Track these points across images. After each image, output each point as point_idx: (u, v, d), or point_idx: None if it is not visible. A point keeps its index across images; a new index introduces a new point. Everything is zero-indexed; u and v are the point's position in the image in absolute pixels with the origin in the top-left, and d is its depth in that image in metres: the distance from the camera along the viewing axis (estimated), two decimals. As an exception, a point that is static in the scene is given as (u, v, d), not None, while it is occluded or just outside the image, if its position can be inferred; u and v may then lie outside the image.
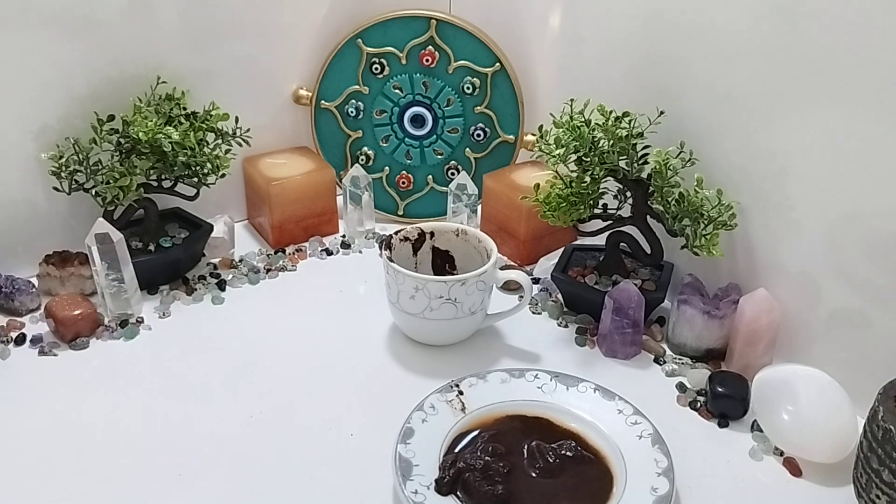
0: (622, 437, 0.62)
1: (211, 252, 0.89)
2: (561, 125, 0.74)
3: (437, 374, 0.71)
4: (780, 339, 0.71)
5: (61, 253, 0.81)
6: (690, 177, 0.72)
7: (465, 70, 0.93)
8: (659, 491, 0.57)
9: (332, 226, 0.96)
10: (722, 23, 0.70)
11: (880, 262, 0.63)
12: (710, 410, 0.68)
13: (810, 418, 0.61)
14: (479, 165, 0.97)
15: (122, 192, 0.78)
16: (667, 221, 0.74)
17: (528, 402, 0.66)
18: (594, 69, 0.86)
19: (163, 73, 0.83)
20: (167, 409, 0.67)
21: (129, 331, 0.76)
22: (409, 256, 0.79)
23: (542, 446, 0.61)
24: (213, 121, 0.82)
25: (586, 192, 0.75)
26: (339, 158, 0.99)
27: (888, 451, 0.51)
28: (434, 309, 0.71)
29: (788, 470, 0.62)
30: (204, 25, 0.86)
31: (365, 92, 0.96)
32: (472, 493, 0.56)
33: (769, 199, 0.70)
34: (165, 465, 0.62)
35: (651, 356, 0.75)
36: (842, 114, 0.63)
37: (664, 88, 0.77)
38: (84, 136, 0.79)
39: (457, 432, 0.63)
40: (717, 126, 0.73)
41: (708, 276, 0.78)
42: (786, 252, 0.70)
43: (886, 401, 0.53)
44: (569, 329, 0.79)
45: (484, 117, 0.95)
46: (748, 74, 0.69)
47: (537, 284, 0.85)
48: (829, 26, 0.62)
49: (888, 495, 0.52)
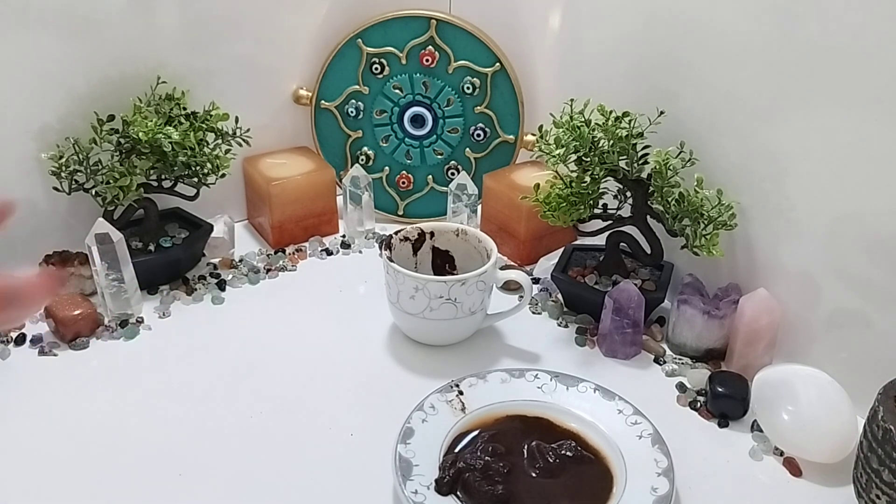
0: (622, 437, 0.62)
1: (211, 252, 0.89)
2: (561, 125, 0.74)
3: (437, 374, 0.71)
4: (780, 339, 0.71)
5: (61, 253, 0.81)
6: (690, 177, 0.72)
7: (465, 70, 0.93)
8: (659, 491, 0.57)
9: (332, 226, 0.96)
10: (722, 23, 0.70)
11: (880, 262, 0.63)
12: (710, 410, 0.68)
13: (810, 418, 0.61)
14: (479, 165, 0.97)
15: (122, 192, 0.78)
16: (667, 221, 0.74)
17: (528, 402, 0.66)
18: (594, 69, 0.86)
19: (163, 73, 0.83)
20: (167, 409, 0.67)
21: (129, 331, 0.76)
22: (409, 256, 0.79)
23: (542, 446, 0.61)
24: (213, 121, 0.82)
25: (586, 192, 0.75)
26: (339, 158, 0.99)
27: (888, 451, 0.51)
28: (434, 309, 0.71)
29: (788, 470, 0.62)
30: (204, 25, 0.86)
31: (365, 92, 0.96)
32: (472, 493, 0.56)
33: (769, 199, 0.70)
34: (165, 465, 0.62)
35: (651, 356, 0.75)
36: (842, 114, 0.63)
37: (664, 88, 0.77)
38: (84, 136, 0.79)
39: (457, 432, 0.63)
40: (717, 126, 0.73)
41: (708, 276, 0.78)
42: (786, 252, 0.70)
43: (886, 401, 0.53)
44: (569, 329, 0.79)
45: (484, 117, 0.95)
46: (748, 74, 0.69)
47: (537, 284, 0.85)
48: (830, 26, 0.62)
49: (888, 495, 0.52)
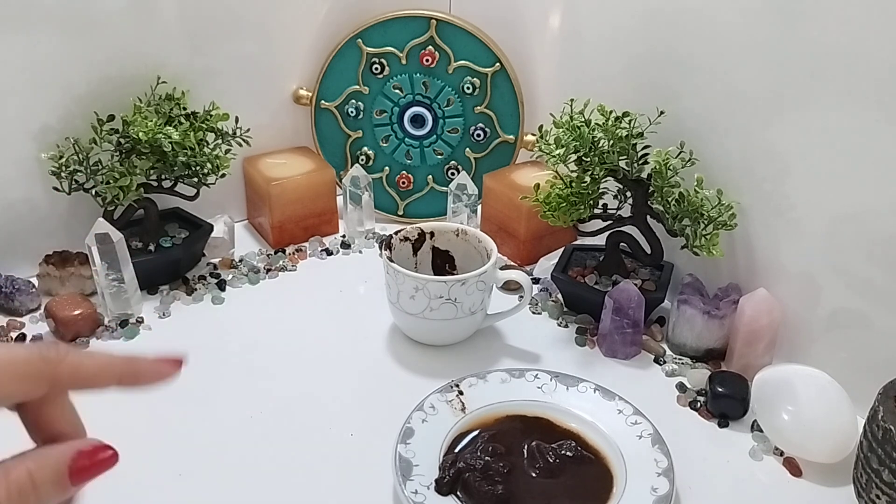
0: (622, 437, 0.62)
1: (211, 252, 0.89)
2: (561, 125, 0.74)
3: (437, 374, 0.71)
4: (780, 339, 0.71)
5: (61, 253, 0.81)
6: (690, 177, 0.72)
7: (465, 70, 0.93)
8: (659, 491, 0.57)
9: (332, 226, 0.96)
10: (722, 23, 0.70)
11: (880, 262, 0.63)
12: (710, 410, 0.68)
13: (810, 418, 0.61)
14: (479, 165, 0.97)
15: (122, 192, 0.78)
16: (667, 221, 0.74)
17: (528, 402, 0.66)
18: (594, 69, 0.86)
19: (163, 72, 0.83)
20: (167, 409, 0.67)
21: (129, 331, 0.76)
22: (409, 256, 0.79)
23: (542, 446, 0.61)
24: (213, 121, 0.82)
25: (586, 192, 0.75)
26: (339, 158, 0.99)
27: (888, 451, 0.51)
28: (434, 309, 0.71)
29: (788, 470, 0.62)
30: (204, 25, 0.86)
31: (365, 92, 0.96)
32: (472, 493, 0.56)
33: (769, 199, 0.70)
34: (165, 464, 0.62)
35: (651, 356, 0.75)
36: (842, 114, 0.63)
37: (664, 88, 0.77)
38: (84, 136, 0.79)
39: (457, 432, 0.63)
40: (718, 126, 0.73)
41: (708, 276, 0.78)
42: (786, 252, 0.70)
43: (886, 401, 0.53)
44: (569, 329, 0.79)
45: (484, 117, 0.95)
46: (748, 75, 0.69)
47: (537, 284, 0.85)
48: (830, 26, 0.62)
49: (888, 495, 0.52)
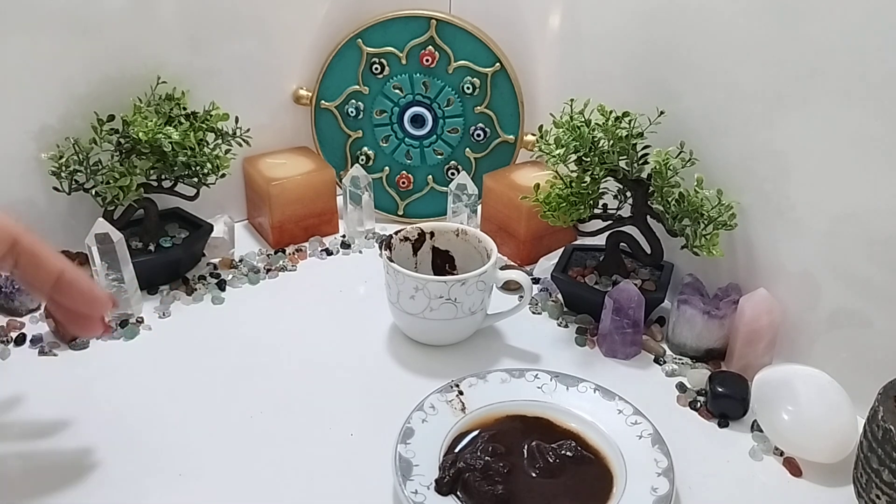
0: (622, 437, 0.62)
1: (211, 252, 0.89)
2: (561, 125, 0.74)
3: (437, 374, 0.71)
4: (780, 339, 0.71)
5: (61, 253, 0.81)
6: (690, 177, 0.72)
7: (465, 70, 0.93)
8: (659, 491, 0.57)
9: (332, 226, 0.96)
10: (722, 23, 0.70)
11: (880, 262, 0.63)
12: (710, 410, 0.68)
13: (810, 418, 0.61)
14: (479, 165, 0.97)
15: (122, 192, 0.78)
16: (667, 221, 0.74)
17: (528, 402, 0.66)
18: (594, 69, 0.86)
19: (163, 73, 0.83)
20: (167, 409, 0.67)
21: (129, 331, 0.76)
22: (409, 256, 0.79)
23: (542, 446, 0.61)
24: (213, 121, 0.82)
25: (586, 192, 0.75)
26: (339, 158, 0.99)
27: (888, 451, 0.51)
28: (434, 309, 0.71)
29: (788, 470, 0.62)
30: (204, 25, 0.86)
31: (365, 92, 0.96)
32: (472, 493, 0.56)
33: (769, 199, 0.70)
34: (165, 464, 0.62)
35: (651, 356, 0.75)
36: (842, 113, 0.63)
37: (664, 88, 0.77)
38: (84, 136, 0.79)
39: (457, 432, 0.63)
40: (718, 126, 0.73)
41: (708, 276, 0.78)
42: (786, 252, 0.70)
43: (886, 401, 0.53)
44: (569, 329, 0.79)
45: (484, 117, 0.95)
46: (748, 75, 0.69)
47: (537, 284, 0.85)
48: (830, 26, 0.62)
49: (888, 495, 0.52)
